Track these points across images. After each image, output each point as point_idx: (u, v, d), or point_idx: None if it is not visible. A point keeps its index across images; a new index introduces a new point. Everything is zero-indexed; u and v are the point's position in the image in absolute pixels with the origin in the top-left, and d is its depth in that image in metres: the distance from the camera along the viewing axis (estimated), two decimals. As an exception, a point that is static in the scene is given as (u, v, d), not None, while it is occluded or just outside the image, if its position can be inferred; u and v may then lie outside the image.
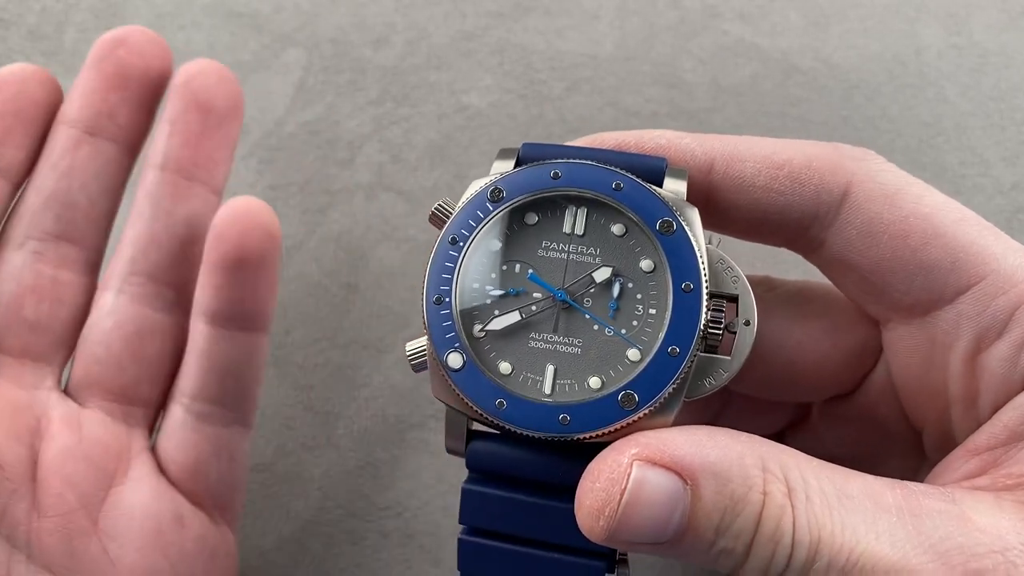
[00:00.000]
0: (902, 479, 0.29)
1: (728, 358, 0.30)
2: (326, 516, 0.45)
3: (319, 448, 0.46)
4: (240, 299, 0.39)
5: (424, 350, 0.30)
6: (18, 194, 0.40)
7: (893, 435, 0.34)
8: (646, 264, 0.30)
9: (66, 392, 0.39)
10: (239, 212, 0.39)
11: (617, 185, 0.30)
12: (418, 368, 0.31)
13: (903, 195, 0.30)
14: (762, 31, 0.53)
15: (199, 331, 0.39)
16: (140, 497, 0.37)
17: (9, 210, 0.40)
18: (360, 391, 0.47)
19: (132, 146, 0.41)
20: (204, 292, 0.39)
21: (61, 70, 0.52)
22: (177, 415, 0.39)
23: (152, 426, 0.40)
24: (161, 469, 0.39)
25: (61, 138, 0.39)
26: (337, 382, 0.47)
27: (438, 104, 0.52)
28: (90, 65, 0.40)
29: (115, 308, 0.39)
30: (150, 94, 0.41)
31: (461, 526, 0.31)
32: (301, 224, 0.50)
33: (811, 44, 0.53)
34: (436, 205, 0.31)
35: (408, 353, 0.31)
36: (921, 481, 0.31)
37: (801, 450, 0.28)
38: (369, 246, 0.50)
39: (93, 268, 0.40)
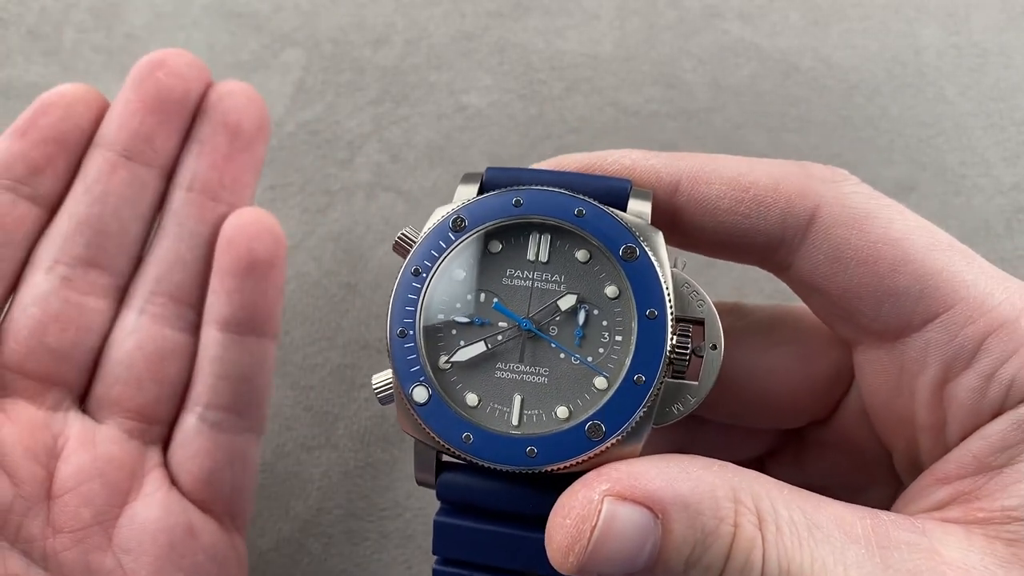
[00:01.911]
0: (883, 505, 0.29)
1: (696, 383, 0.29)
2: (326, 516, 0.45)
3: (319, 448, 0.46)
4: (251, 304, 0.39)
5: (390, 383, 0.30)
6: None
7: (871, 461, 0.34)
8: (611, 290, 0.30)
9: (87, 407, 0.39)
10: (248, 220, 0.40)
11: (579, 211, 0.30)
12: (385, 401, 0.30)
13: (872, 220, 0.29)
14: (762, 31, 0.53)
15: (212, 338, 0.39)
16: (153, 512, 0.37)
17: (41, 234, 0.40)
18: (359, 391, 0.47)
19: (167, 170, 0.41)
20: (216, 299, 0.39)
21: (60, 70, 0.52)
22: (191, 424, 0.39)
23: (168, 441, 0.40)
24: (173, 479, 0.39)
25: (97, 161, 0.39)
26: (337, 382, 0.47)
27: (438, 104, 0.52)
28: (129, 87, 0.40)
29: (137, 328, 0.39)
30: (188, 118, 0.41)
31: (435, 557, 0.31)
32: (300, 224, 0.50)
33: (811, 44, 0.53)
34: (399, 235, 0.31)
35: (375, 386, 0.30)
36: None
37: (781, 478, 0.28)
38: (368, 246, 0.50)
39: (122, 294, 0.40)
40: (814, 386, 0.34)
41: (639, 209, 0.30)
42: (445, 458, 0.30)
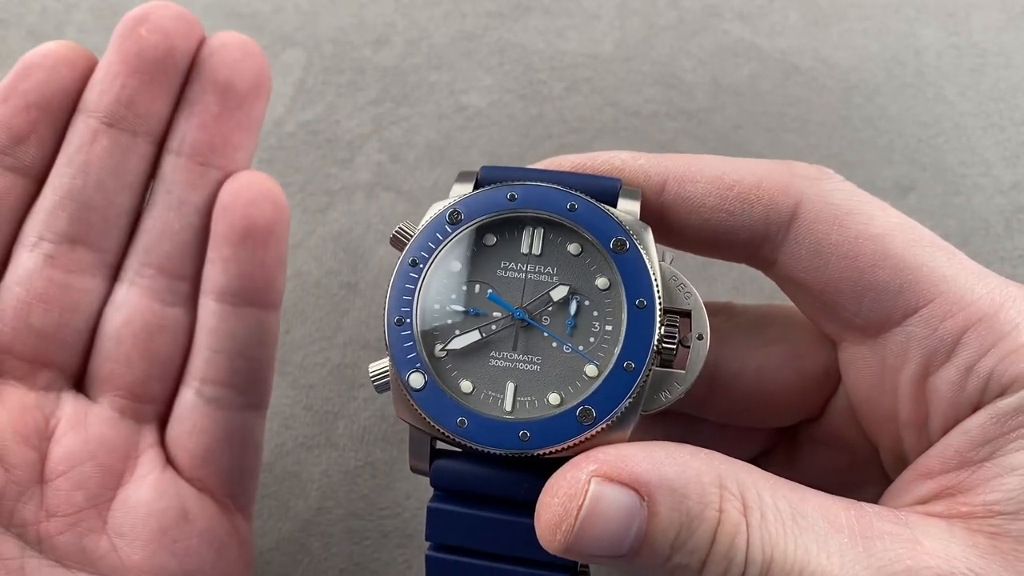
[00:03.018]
0: (874, 501, 0.29)
1: (683, 372, 0.30)
2: (326, 515, 0.45)
3: (319, 448, 0.46)
4: (248, 273, 0.37)
5: (387, 371, 0.31)
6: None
7: (862, 459, 0.34)
8: (601, 282, 0.31)
9: (85, 386, 0.38)
10: (244, 184, 0.37)
11: (571, 206, 0.31)
12: (381, 389, 0.31)
13: (853, 216, 0.30)
14: (762, 31, 0.53)
15: (208, 309, 0.38)
16: (144, 495, 0.36)
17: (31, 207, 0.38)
18: (359, 391, 0.47)
19: (155, 136, 0.38)
20: (212, 268, 0.37)
21: (61, 70, 0.52)
22: (187, 399, 0.38)
23: (165, 420, 0.39)
24: (171, 457, 0.38)
25: (79, 129, 0.37)
26: (337, 382, 0.47)
27: (438, 104, 0.52)
28: (111, 47, 0.37)
29: (125, 302, 0.37)
30: (176, 77, 0.37)
31: (427, 543, 0.31)
32: (301, 224, 0.50)
33: (810, 44, 0.53)
34: (396, 228, 0.32)
35: (371, 374, 0.31)
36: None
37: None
38: (369, 246, 0.50)
39: (114, 270, 0.38)
40: (804, 385, 0.34)
41: (628, 207, 0.31)
42: (439, 446, 0.31)
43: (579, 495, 0.26)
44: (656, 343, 0.29)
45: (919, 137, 0.51)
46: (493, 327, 0.31)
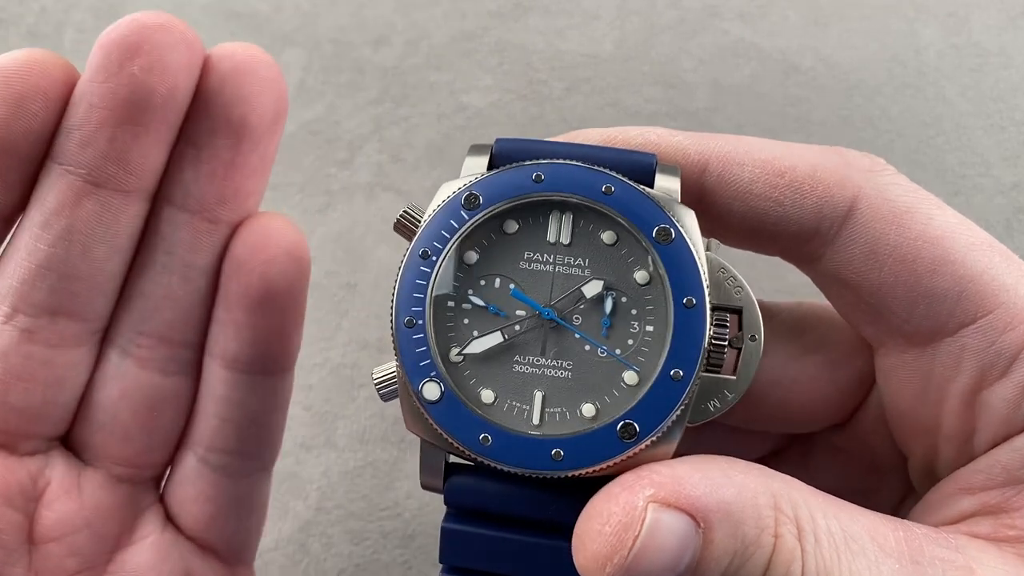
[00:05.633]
0: (890, 510, 0.28)
1: (733, 378, 0.27)
2: (325, 516, 0.45)
3: (318, 448, 0.46)
4: (264, 340, 0.32)
5: (394, 376, 0.27)
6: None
7: (883, 466, 0.33)
8: (640, 276, 0.27)
9: (76, 447, 0.34)
10: (261, 236, 0.31)
11: (607, 188, 0.27)
12: (387, 397, 0.27)
13: (912, 215, 0.28)
14: (762, 31, 0.53)
15: (215, 375, 0.33)
16: (144, 559, 0.33)
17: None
18: (359, 391, 0.47)
19: (150, 191, 0.31)
20: (222, 331, 0.32)
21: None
22: (191, 464, 0.34)
23: (166, 476, 0.35)
24: (171, 515, 0.35)
25: (58, 186, 0.30)
26: (337, 382, 0.47)
27: (438, 104, 0.52)
28: (93, 80, 0.29)
29: (120, 373, 0.33)
30: (175, 121, 0.30)
31: (441, 565, 0.29)
32: (301, 224, 0.50)
33: (811, 44, 0.53)
34: (402, 211, 0.28)
35: (376, 380, 0.27)
36: (907, 512, 0.30)
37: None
38: (368, 246, 0.50)
39: (102, 335, 0.33)
40: (837, 394, 0.32)
41: (667, 186, 0.28)
42: (452, 459, 0.28)
43: (635, 524, 0.24)
44: (706, 347, 0.26)
45: (919, 137, 0.51)
46: (517, 328, 0.27)
